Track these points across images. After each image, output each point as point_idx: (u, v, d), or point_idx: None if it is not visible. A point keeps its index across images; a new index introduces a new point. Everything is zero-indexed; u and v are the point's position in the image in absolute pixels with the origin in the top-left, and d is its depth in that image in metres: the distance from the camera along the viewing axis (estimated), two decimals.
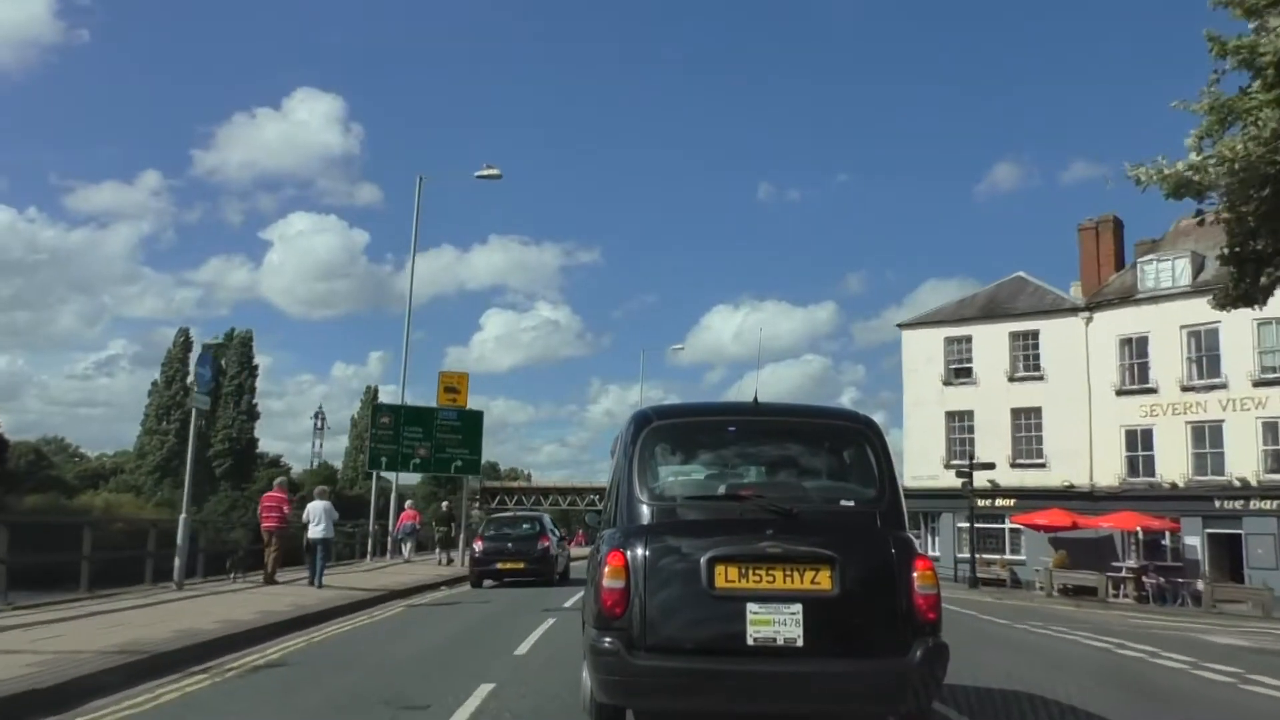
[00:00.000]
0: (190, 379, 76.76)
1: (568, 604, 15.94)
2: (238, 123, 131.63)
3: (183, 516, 15.42)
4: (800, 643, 4.91)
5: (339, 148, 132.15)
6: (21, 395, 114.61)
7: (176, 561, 15.18)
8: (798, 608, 4.94)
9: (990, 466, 32.62)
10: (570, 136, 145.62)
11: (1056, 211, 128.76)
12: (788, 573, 5.02)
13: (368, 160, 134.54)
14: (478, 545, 21.09)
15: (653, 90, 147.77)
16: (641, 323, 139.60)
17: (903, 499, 5.71)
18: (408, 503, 32.67)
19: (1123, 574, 31.15)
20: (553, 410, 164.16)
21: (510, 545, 20.82)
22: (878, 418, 6.63)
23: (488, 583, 20.39)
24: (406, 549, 27.97)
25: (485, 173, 29.02)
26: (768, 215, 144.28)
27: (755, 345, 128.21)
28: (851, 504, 5.57)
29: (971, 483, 30.08)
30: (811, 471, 5.99)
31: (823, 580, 5.01)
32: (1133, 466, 33.90)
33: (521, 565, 20.43)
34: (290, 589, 16.61)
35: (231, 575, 18.83)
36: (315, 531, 17.33)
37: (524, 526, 21.91)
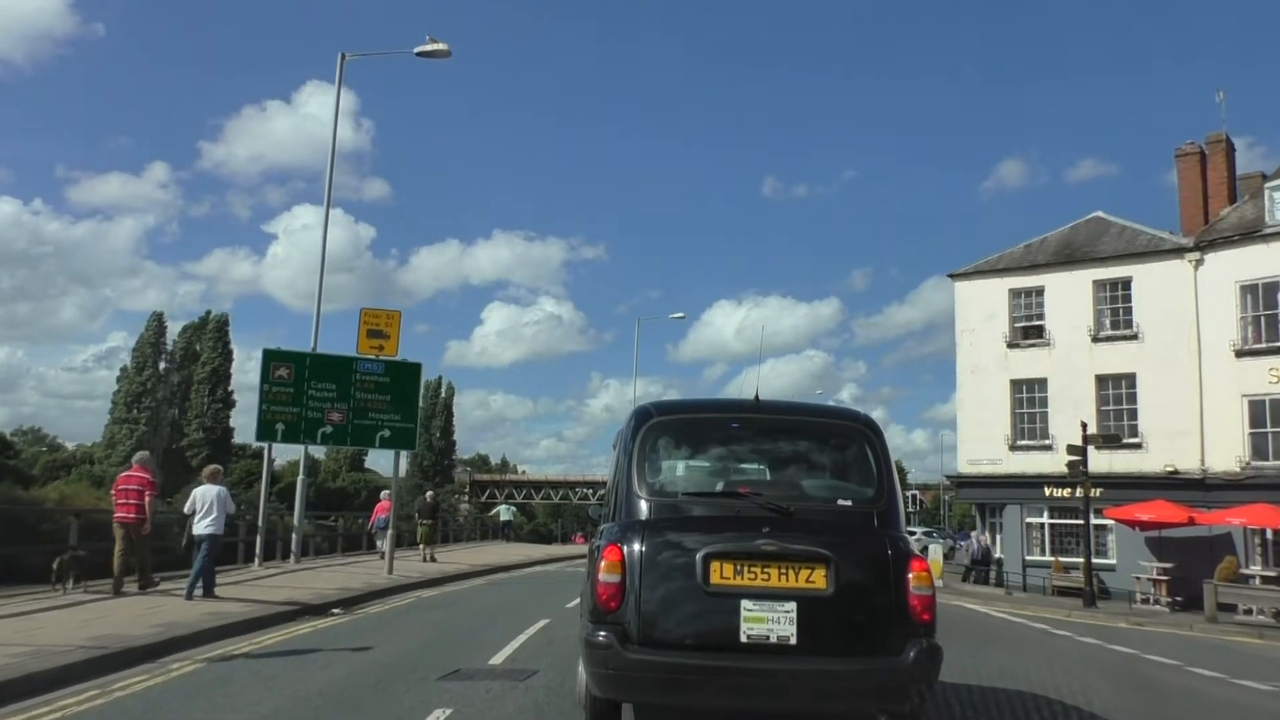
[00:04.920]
0: (163, 366, 72.11)
1: (498, 658, 9.09)
2: (247, 116, 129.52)
3: None
4: (794, 641, 4.84)
5: (349, 143, 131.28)
6: (19, 388, 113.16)
7: None
8: (792, 606, 4.88)
9: (1114, 440, 25.26)
10: (577, 132, 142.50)
11: (1064, 208, 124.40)
12: (783, 571, 4.95)
13: (378, 156, 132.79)
14: None
15: (660, 86, 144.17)
16: (645, 318, 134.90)
17: (900, 499, 5.61)
18: (384, 493, 27.69)
19: (1256, 584, 24.02)
20: (551, 405, 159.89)
21: None
22: (876, 415, 6.31)
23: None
24: (382, 544, 23.69)
25: (428, 48, 21.88)
26: (773, 211, 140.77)
27: (757, 341, 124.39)
28: (849, 503, 5.46)
29: (1085, 463, 22.76)
30: (810, 470, 5.87)
31: (817, 579, 4.95)
32: (1259, 447, 26.55)
33: None
34: (139, 603, 12.13)
35: (57, 583, 13.19)
36: (202, 526, 13.39)
37: None
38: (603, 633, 4.93)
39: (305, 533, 27.74)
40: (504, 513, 48.25)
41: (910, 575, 5.05)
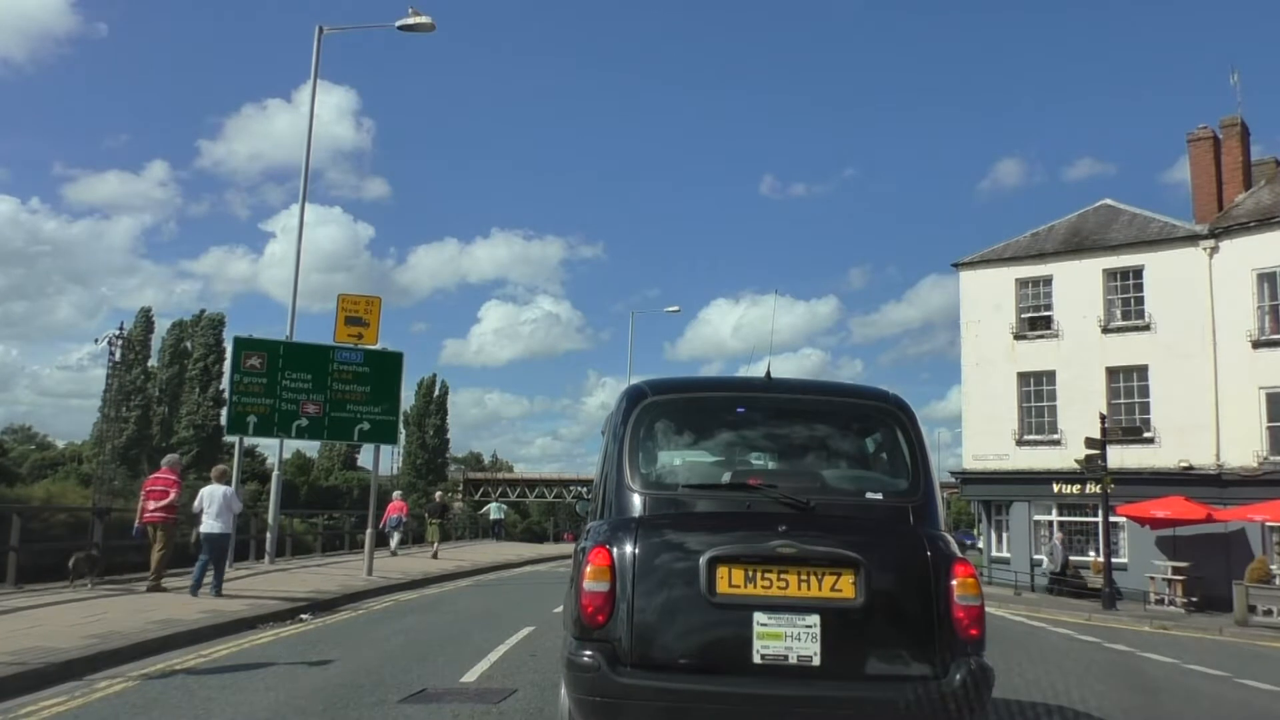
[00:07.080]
0: (152, 362, 71.08)
1: (472, 675, 8.27)
2: (247, 114, 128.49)
3: None
4: (817, 661, 4.12)
5: (350, 142, 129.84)
6: (13, 386, 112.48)
7: None
8: (814, 619, 4.16)
9: (1135, 433, 24.21)
10: (576, 131, 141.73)
11: (1062, 208, 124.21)
12: (803, 577, 4.22)
13: (379, 155, 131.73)
14: None
15: (659, 85, 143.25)
16: (641, 317, 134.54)
17: (939, 492, 4.90)
18: (396, 493, 28.80)
19: (1278, 584, 23.01)
20: (548, 404, 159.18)
21: None
22: None
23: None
24: (393, 542, 25.50)
25: (410, 21, 20.81)
26: (771, 209, 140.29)
27: (754, 339, 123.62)
28: (879, 497, 4.71)
29: (1104, 457, 21.72)
30: (832, 458, 5.12)
31: (844, 587, 4.22)
32: (1278, 442, 25.60)
33: None
34: (86, 609, 11.56)
35: (74, 579, 13.75)
36: (209, 524, 13.42)
37: None
38: (588, 652, 4.17)
39: (298, 532, 26.77)
40: (494, 511, 47.30)
41: (954, 582, 4.28)
